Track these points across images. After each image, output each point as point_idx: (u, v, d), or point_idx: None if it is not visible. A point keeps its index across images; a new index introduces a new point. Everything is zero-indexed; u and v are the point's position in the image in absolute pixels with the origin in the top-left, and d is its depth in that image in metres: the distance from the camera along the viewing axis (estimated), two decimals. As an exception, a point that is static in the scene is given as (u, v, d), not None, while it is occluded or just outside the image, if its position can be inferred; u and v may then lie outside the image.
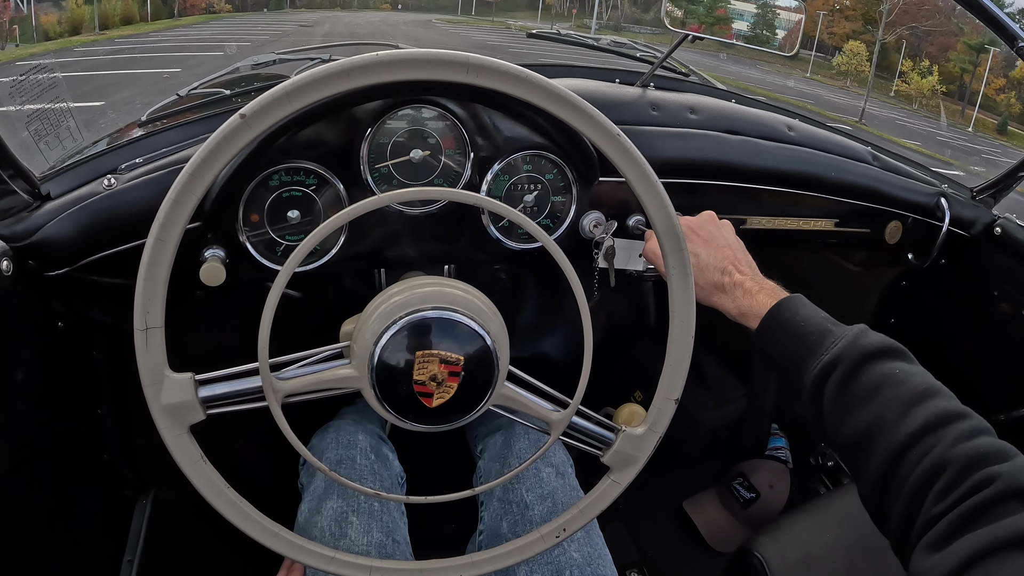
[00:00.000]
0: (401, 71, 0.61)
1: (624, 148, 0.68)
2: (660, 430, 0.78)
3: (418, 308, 0.67)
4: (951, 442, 0.61)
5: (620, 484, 0.80)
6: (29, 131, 0.99)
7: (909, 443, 0.63)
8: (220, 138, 0.60)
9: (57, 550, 0.93)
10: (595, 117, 0.66)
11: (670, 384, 0.77)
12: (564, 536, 0.80)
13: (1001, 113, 23.99)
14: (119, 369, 1.08)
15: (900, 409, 0.66)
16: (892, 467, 0.63)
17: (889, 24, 26.51)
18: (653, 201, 0.70)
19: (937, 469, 0.60)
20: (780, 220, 1.22)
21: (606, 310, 1.60)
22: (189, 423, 0.68)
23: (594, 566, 0.92)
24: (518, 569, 0.91)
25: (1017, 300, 1.32)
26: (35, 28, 15.78)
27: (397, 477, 1.07)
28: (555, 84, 0.65)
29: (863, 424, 0.67)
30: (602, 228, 1.04)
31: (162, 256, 0.62)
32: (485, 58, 0.63)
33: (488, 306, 0.72)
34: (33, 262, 0.85)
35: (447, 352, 0.67)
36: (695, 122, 1.18)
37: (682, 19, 1.31)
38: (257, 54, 1.33)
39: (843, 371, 0.71)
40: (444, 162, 0.97)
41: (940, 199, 1.35)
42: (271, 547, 0.73)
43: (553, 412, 0.76)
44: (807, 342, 0.77)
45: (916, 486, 0.61)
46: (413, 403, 0.69)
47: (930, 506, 0.59)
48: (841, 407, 0.70)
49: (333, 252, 0.95)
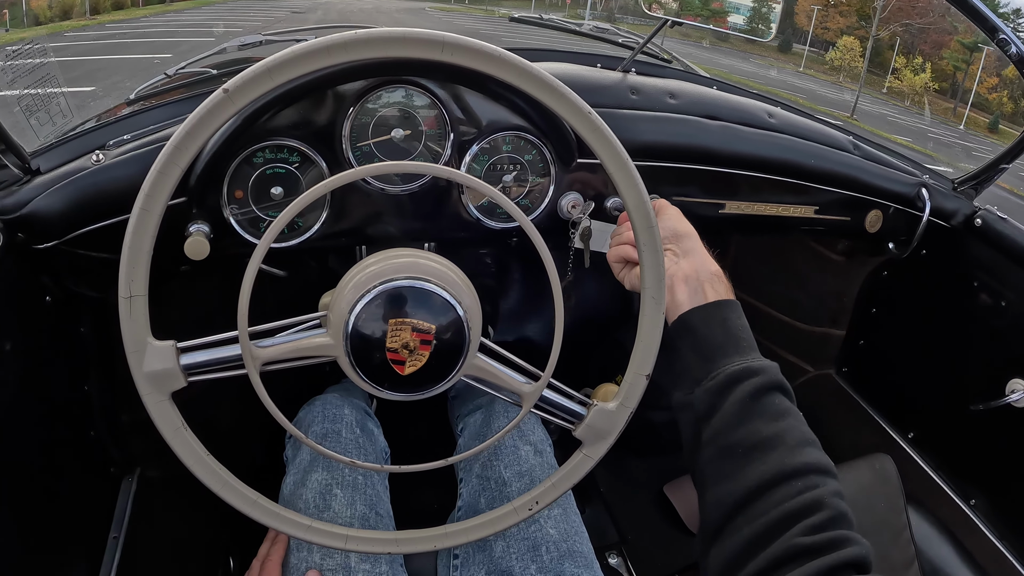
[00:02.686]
0: (379, 48, 0.63)
1: (595, 126, 0.70)
2: (631, 405, 0.80)
3: (392, 278, 0.69)
4: (831, 491, 0.65)
5: (592, 458, 0.82)
6: (20, 106, 1.00)
7: (798, 473, 0.66)
8: (204, 111, 0.62)
9: (43, 526, 0.94)
10: (567, 96, 0.68)
11: (641, 360, 0.78)
12: (537, 509, 0.81)
13: (993, 111, 24.10)
14: (106, 346, 1.09)
15: (800, 441, 0.69)
16: (772, 486, 0.66)
17: (883, 20, 26.57)
18: (624, 179, 0.72)
19: (815, 506, 0.63)
20: (759, 205, 1.23)
21: (590, 295, 1.62)
22: (171, 390, 0.70)
23: (570, 542, 0.94)
24: (495, 545, 0.93)
25: (996, 291, 1.34)
26: (25, 12, 15.59)
27: (381, 452, 1.08)
28: (529, 63, 0.66)
29: (762, 436, 0.69)
30: (579, 209, 1.05)
31: (146, 226, 0.64)
32: (459, 37, 0.64)
33: (462, 279, 0.74)
34: (22, 235, 0.87)
35: (419, 321, 0.69)
36: (674, 107, 1.19)
37: (676, 11, 1.31)
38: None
39: (762, 382, 0.73)
40: (425, 142, 0.98)
41: (921, 189, 1.36)
42: (249, 515, 0.75)
43: (525, 385, 0.78)
44: (735, 343, 0.78)
45: (788, 513, 0.63)
46: (386, 371, 0.70)
47: (796, 534, 0.62)
48: (745, 412, 0.72)
49: (315, 228, 0.96)
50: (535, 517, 0.92)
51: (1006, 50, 1.21)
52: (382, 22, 1.51)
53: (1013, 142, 1.34)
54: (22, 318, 0.91)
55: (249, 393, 0.70)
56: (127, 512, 1.16)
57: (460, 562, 0.96)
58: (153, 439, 0.71)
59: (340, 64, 0.64)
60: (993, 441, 1.33)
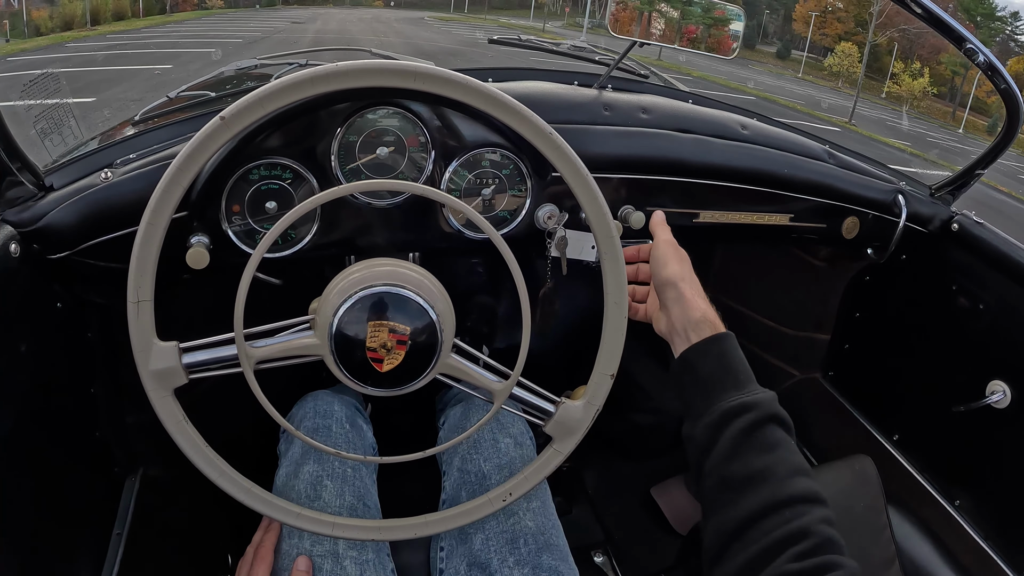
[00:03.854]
0: (358, 79, 0.71)
1: (556, 145, 0.76)
2: (597, 403, 0.87)
3: (372, 284, 0.76)
4: (818, 519, 0.70)
5: (561, 452, 0.89)
6: (36, 130, 1.08)
7: (787, 502, 0.71)
8: (203, 137, 0.69)
9: (49, 522, 0.98)
10: (529, 118, 0.75)
11: (606, 361, 0.85)
12: (511, 500, 0.88)
13: (991, 114, 24.13)
14: (112, 350, 1.15)
15: (789, 471, 0.74)
16: (762, 516, 0.71)
17: (880, 25, 26.62)
18: (584, 194, 0.78)
19: (801, 535, 0.68)
20: (733, 214, 1.27)
21: (577, 301, 1.66)
22: (173, 386, 0.77)
23: (547, 535, 0.99)
24: (475, 537, 0.98)
25: (974, 295, 1.36)
26: (26, 23, 15.70)
27: (369, 446, 1.13)
28: (492, 88, 0.73)
29: (754, 469, 0.74)
30: (555, 219, 1.09)
31: (152, 237, 0.71)
32: (430, 67, 0.72)
33: (437, 287, 0.80)
34: (37, 246, 0.92)
35: (396, 323, 0.76)
36: (647, 121, 1.23)
37: (678, 19, 1.36)
38: (242, 57, 1.40)
39: (755, 417, 0.78)
40: (408, 159, 1.03)
41: (897, 196, 1.39)
42: (244, 502, 0.81)
43: (496, 383, 0.84)
44: (734, 377, 0.83)
45: (777, 541, 0.68)
46: (366, 368, 0.77)
47: (785, 561, 0.67)
48: (740, 446, 0.77)
49: (307, 240, 1.01)
50: (513, 509, 0.98)
51: (974, 59, 1.23)
52: (380, 31, 1.52)
53: (988, 148, 1.37)
54: (35, 323, 0.96)
55: (246, 390, 0.77)
56: (130, 510, 1.21)
57: (445, 554, 1.01)
58: (156, 440, 0.77)
59: (325, 92, 0.71)
60: (975, 442, 1.36)
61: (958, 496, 1.38)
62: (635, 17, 1.36)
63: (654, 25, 1.39)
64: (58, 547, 1.01)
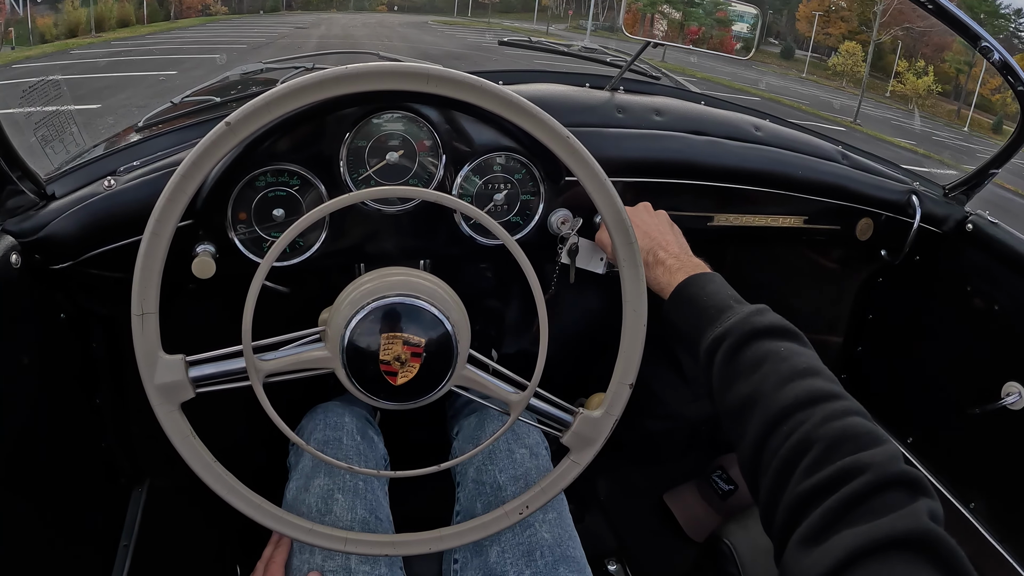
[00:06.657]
0: (369, 82, 0.68)
1: (573, 148, 0.74)
2: (616, 413, 0.84)
3: (385, 295, 0.74)
4: (819, 421, 0.64)
5: (579, 464, 0.86)
6: (37, 137, 1.06)
7: (781, 417, 0.67)
8: (208, 143, 0.67)
9: (56, 533, 0.97)
10: (545, 121, 0.72)
11: (624, 370, 0.83)
12: (527, 513, 0.86)
13: (996, 113, 24.03)
14: (117, 360, 1.13)
15: (777, 384, 0.70)
16: (764, 439, 0.67)
17: (884, 24, 26.52)
18: (602, 198, 0.76)
19: (804, 446, 0.62)
20: (747, 217, 1.26)
21: (588, 309, 1.64)
22: (180, 400, 0.74)
23: (564, 547, 0.97)
24: (491, 550, 0.96)
25: (989, 295, 1.35)
26: (31, 30, 15.75)
27: (381, 458, 1.11)
28: (508, 91, 0.71)
29: (743, 395, 0.72)
30: (568, 224, 1.08)
31: (157, 248, 0.69)
32: (443, 69, 0.69)
33: (451, 296, 0.78)
34: (39, 256, 0.91)
35: (410, 335, 0.74)
36: (660, 123, 1.22)
37: (680, 21, 1.35)
38: (247, 62, 1.38)
39: (731, 343, 0.76)
40: (419, 163, 1.02)
41: (911, 196, 1.38)
42: (253, 518, 0.79)
43: (513, 394, 0.82)
44: (707, 315, 0.82)
45: (784, 460, 0.63)
46: (380, 381, 0.75)
47: (797, 482, 0.61)
48: (726, 377, 0.75)
49: (315, 248, 1.00)
50: (530, 521, 0.96)
51: (989, 57, 1.22)
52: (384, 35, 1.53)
53: (1002, 147, 1.35)
54: (38, 334, 0.95)
55: (254, 403, 0.75)
56: (137, 521, 1.19)
57: (459, 566, 0.99)
58: (162, 450, 0.75)
59: (334, 96, 0.68)
60: (990, 444, 1.34)
61: (973, 499, 1.37)
62: (651, 18, 1.34)
63: (657, 25, 1.37)
64: (64, 559, 0.99)
